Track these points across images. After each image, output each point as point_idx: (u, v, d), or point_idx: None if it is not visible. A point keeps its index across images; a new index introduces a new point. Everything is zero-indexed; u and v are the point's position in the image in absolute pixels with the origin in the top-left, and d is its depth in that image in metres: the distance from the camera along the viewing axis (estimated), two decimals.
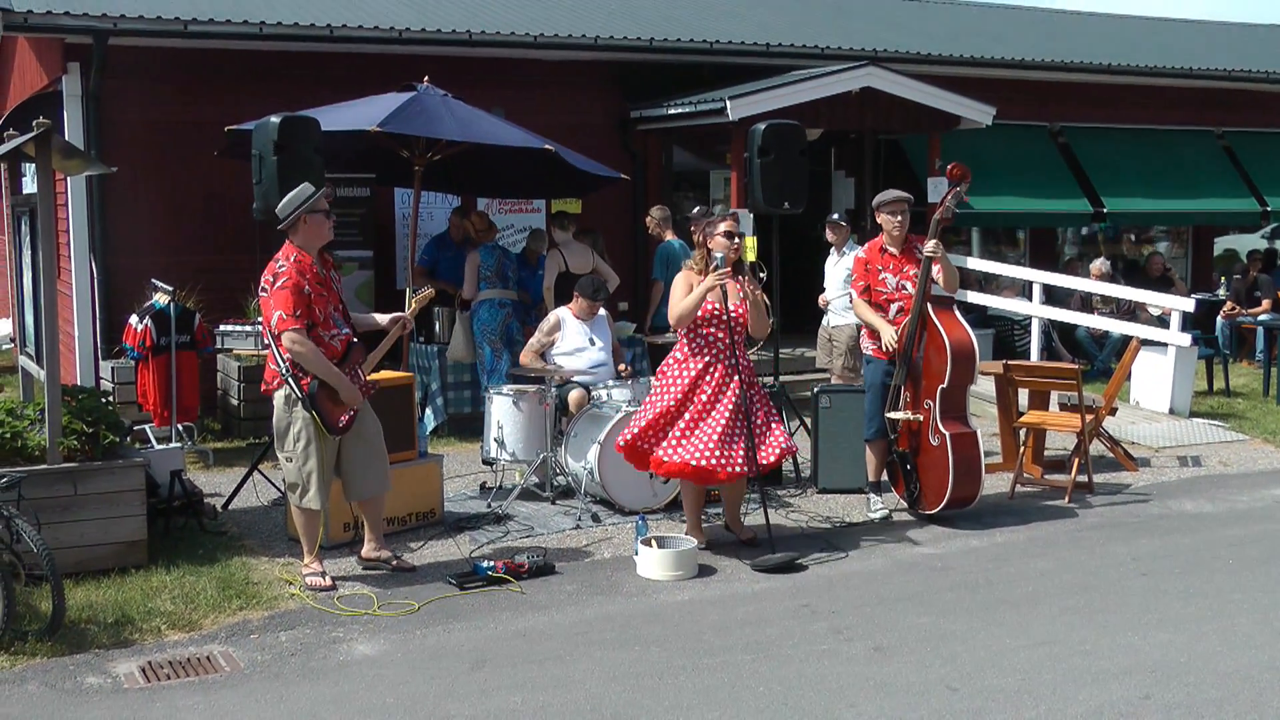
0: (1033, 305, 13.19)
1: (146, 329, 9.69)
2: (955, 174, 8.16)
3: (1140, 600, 6.60)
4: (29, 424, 6.98)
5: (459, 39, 12.10)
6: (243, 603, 6.52)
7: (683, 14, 15.05)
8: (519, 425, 8.51)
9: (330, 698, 5.36)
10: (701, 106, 12.36)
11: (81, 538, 6.78)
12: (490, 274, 10.59)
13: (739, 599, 6.66)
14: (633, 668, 5.66)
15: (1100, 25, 19.95)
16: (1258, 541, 7.74)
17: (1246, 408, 12.18)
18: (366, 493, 6.95)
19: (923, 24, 17.33)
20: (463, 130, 9.44)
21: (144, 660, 5.77)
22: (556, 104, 12.76)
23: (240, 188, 9.57)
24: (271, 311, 6.51)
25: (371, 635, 6.11)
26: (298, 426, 6.64)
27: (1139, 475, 9.53)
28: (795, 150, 9.41)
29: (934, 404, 7.92)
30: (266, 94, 10.73)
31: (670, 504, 8.36)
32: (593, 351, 9.14)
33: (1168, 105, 16.70)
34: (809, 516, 8.32)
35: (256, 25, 11.29)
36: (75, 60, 11.01)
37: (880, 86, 12.82)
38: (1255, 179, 16.93)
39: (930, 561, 7.35)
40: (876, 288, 8.13)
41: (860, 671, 5.60)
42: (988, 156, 14.47)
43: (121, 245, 11.27)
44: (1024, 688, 5.38)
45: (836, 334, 10.62)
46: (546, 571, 7.04)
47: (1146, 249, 17.44)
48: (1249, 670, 5.57)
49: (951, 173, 8.17)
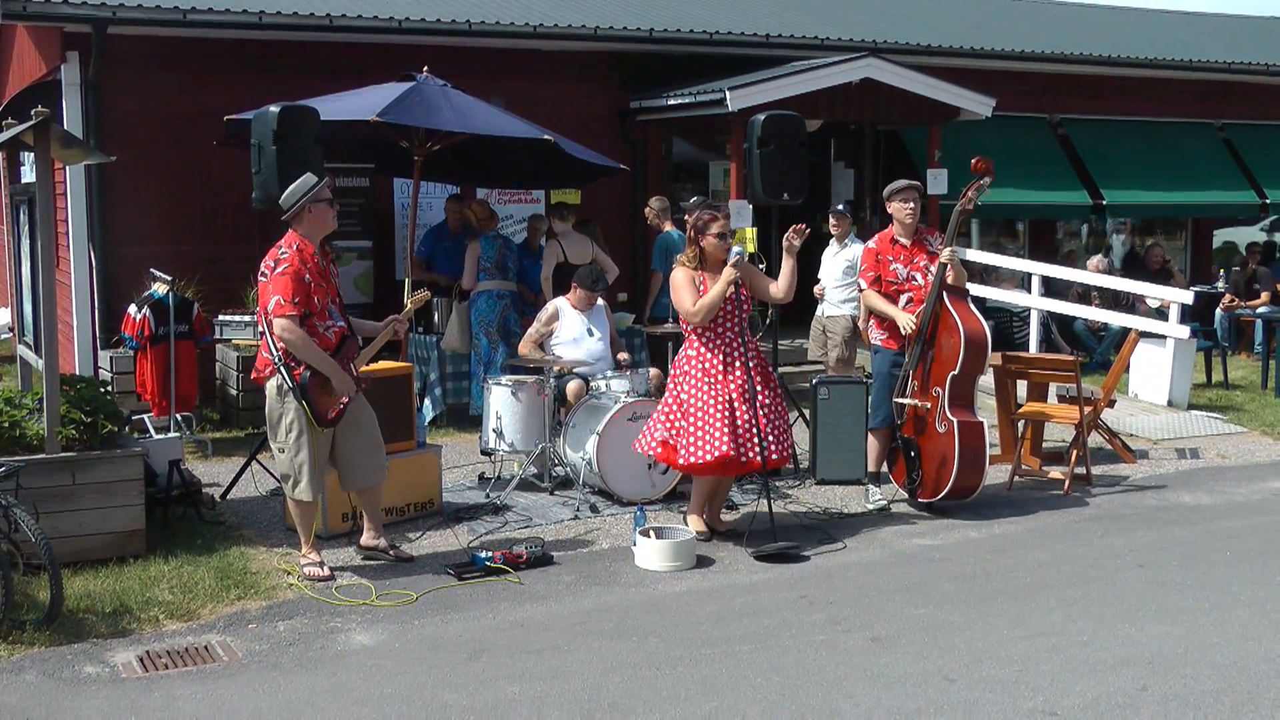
0: (1032, 297, 13.19)
1: (145, 318, 9.67)
2: (980, 168, 8.12)
3: (1138, 592, 6.60)
4: (27, 413, 6.97)
5: (459, 29, 12.10)
6: (241, 592, 6.52)
7: (682, 4, 15.02)
8: (517, 416, 8.50)
9: (328, 688, 5.36)
10: (701, 97, 12.34)
11: (80, 527, 6.78)
12: (490, 265, 10.57)
13: (737, 589, 6.67)
14: (630, 658, 5.67)
15: (1100, 17, 19.94)
16: (1255, 534, 7.75)
17: (1245, 400, 12.18)
18: (362, 483, 6.95)
19: (923, 15, 17.29)
20: (462, 120, 9.42)
21: (142, 650, 5.77)
22: (556, 94, 12.75)
23: (239, 177, 9.56)
24: (269, 297, 6.51)
25: (369, 625, 6.11)
26: (290, 417, 6.64)
27: (1137, 467, 9.54)
28: (795, 141, 9.39)
29: (943, 391, 7.92)
30: (266, 83, 10.74)
31: (669, 495, 8.37)
32: (591, 342, 9.13)
33: (1167, 97, 16.69)
34: (807, 507, 8.33)
35: (256, 14, 11.28)
36: (74, 49, 10.99)
37: (880, 78, 12.82)
38: (1254, 171, 16.94)
39: (928, 553, 7.36)
40: (887, 278, 8.13)
41: (858, 662, 5.61)
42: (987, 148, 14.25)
43: (120, 234, 11.27)
44: (1021, 679, 5.39)
45: (831, 324, 10.61)
46: (545, 562, 7.05)
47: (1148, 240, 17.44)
48: (1246, 662, 5.58)
49: (976, 166, 8.13)
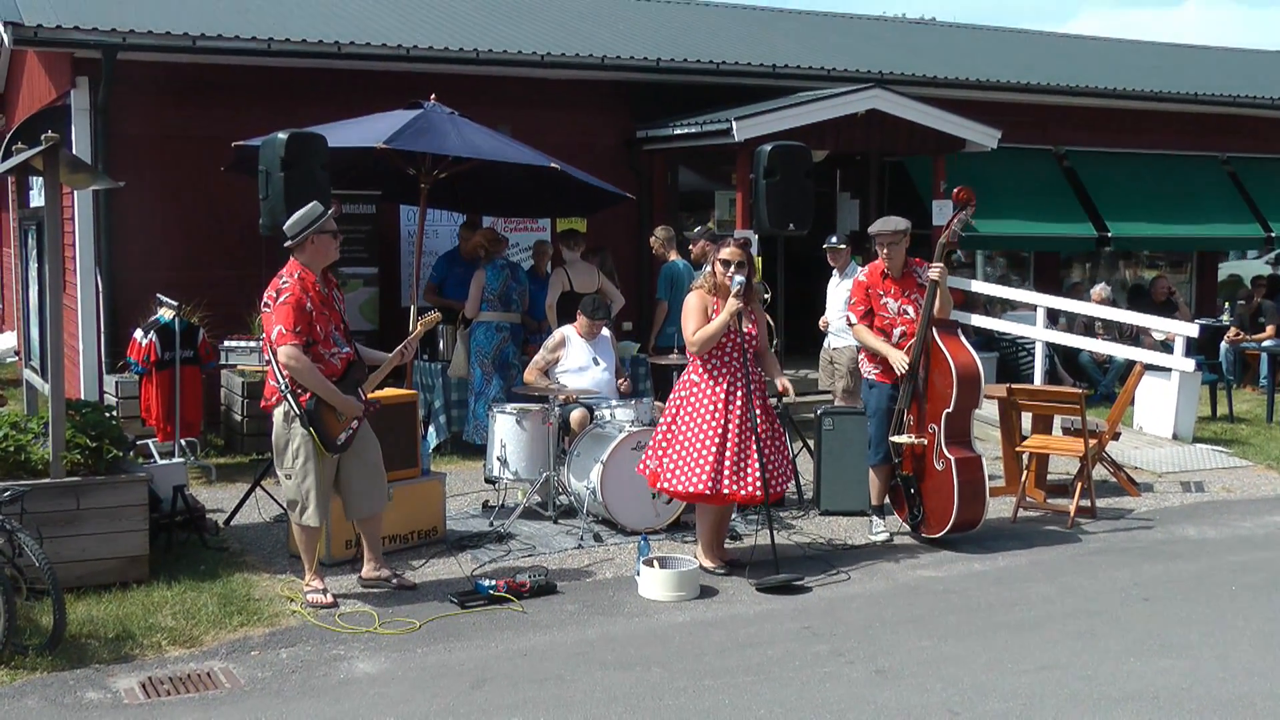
0: (1037, 329, 13.19)
1: (151, 343, 9.70)
2: (961, 197, 8.16)
3: (1142, 625, 6.58)
4: (33, 437, 6.98)
5: (466, 57, 12.15)
6: (244, 619, 6.51)
7: (689, 35, 15.10)
8: (522, 444, 8.50)
9: (330, 716, 5.35)
10: (707, 127, 12.40)
11: (83, 552, 6.78)
12: (492, 296, 10.44)
13: (741, 620, 6.65)
14: (634, 688, 5.65)
15: (1106, 50, 20.02)
16: (1260, 568, 7.72)
17: (1250, 434, 12.17)
18: (365, 511, 6.95)
19: (929, 47, 17.39)
20: (469, 148, 9.46)
21: (144, 676, 5.76)
22: (563, 123, 12.81)
23: (247, 203, 9.58)
24: (272, 326, 6.53)
25: (372, 653, 6.10)
26: (296, 443, 6.65)
27: (1142, 500, 9.51)
28: (801, 171, 9.44)
29: (939, 428, 7.89)
30: (274, 110, 10.78)
31: (673, 524, 8.36)
32: (596, 371, 9.13)
33: (1173, 130, 16.75)
34: (811, 538, 8.31)
35: (265, 41, 11.34)
36: (84, 74, 11.05)
37: (886, 109, 12.87)
38: (1259, 204, 16.96)
39: (932, 585, 7.34)
40: (878, 312, 8.13)
41: (861, 694, 5.59)
42: (992, 179, 14.50)
43: (127, 260, 11.29)
44: (1025, 712, 5.37)
45: (837, 355, 10.59)
46: (548, 591, 7.04)
47: (1149, 273, 17.46)
48: (1250, 697, 5.56)
49: (958, 196, 8.18)
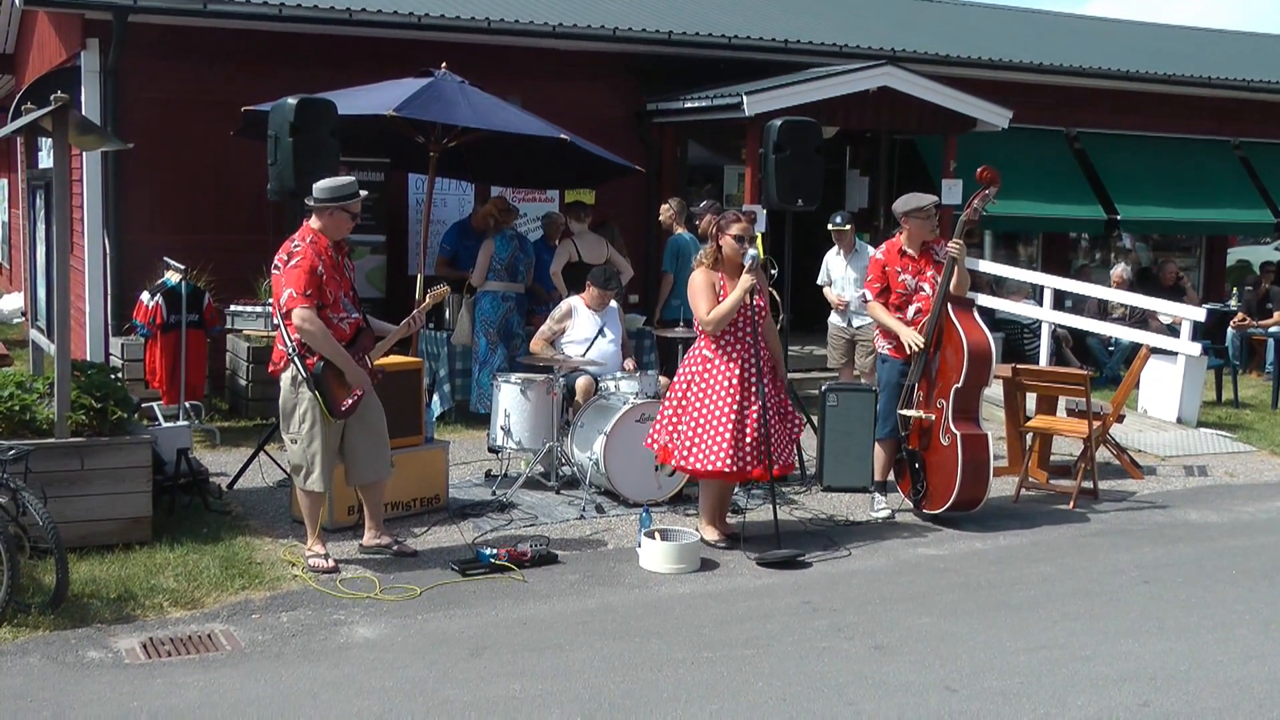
0: (1043, 310, 13.17)
1: (157, 306, 9.71)
2: (985, 177, 8.12)
3: (1142, 607, 6.59)
4: (38, 397, 7.00)
5: (478, 26, 12.10)
6: (245, 582, 6.54)
7: (702, 8, 15.02)
8: (526, 414, 8.51)
9: (329, 679, 5.37)
10: (718, 101, 12.33)
11: (87, 512, 6.81)
12: (500, 266, 10.45)
13: (741, 594, 6.67)
14: (632, 659, 5.67)
15: (1119, 31, 19.90)
16: (1261, 553, 7.73)
17: (1254, 419, 12.16)
18: (368, 478, 6.96)
19: (942, 25, 17.29)
20: (478, 117, 9.43)
21: (145, 636, 5.79)
22: (573, 94, 12.76)
23: (255, 168, 9.58)
24: (283, 289, 6.52)
25: (372, 619, 6.12)
26: (303, 408, 6.66)
27: (1144, 483, 9.52)
28: (811, 147, 9.38)
29: (947, 403, 7.91)
30: (284, 75, 10.74)
31: (675, 496, 8.37)
32: (603, 342, 9.12)
33: (1185, 114, 16.66)
34: (813, 514, 8.32)
35: (276, 6, 11.29)
36: (95, 36, 11.03)
37: (898, 86, 12.79)
38: (1270, 190, 16.89)
39: (933, 563, 7.35)
40: (896, 289, 8.12)
41: (860, 670, 5.61)
42: (1003, 160, 14.28)
43: (135, 222, 11.29)
44: (1023, 691, 5.38)
45: (862, 334, 10.48)
46: (549, 560, 7.06)
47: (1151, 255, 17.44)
48: (1249, 680, 5.57)
49: (981, 175, 8.13)
